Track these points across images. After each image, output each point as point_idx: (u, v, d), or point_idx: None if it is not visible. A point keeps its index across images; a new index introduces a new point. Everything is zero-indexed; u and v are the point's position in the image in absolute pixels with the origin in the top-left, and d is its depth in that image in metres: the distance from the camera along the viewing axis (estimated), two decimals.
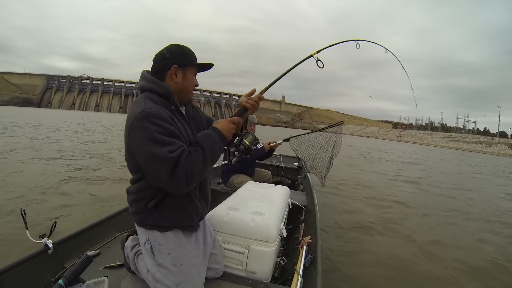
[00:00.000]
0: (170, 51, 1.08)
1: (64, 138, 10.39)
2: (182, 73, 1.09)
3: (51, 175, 4.83)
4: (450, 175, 8.88)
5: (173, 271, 1.03)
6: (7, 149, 6.84)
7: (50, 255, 1.32)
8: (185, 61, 1.09)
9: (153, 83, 1.05)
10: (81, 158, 6.68)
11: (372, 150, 17.15)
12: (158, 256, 1.06)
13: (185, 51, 1.10)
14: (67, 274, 1.13)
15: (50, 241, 1.32)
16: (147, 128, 0.92)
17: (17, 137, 9.38)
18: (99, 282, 1.17)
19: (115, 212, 1.85)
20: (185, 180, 0.92)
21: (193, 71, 1.12)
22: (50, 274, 1.31)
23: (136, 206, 1.08)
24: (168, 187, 0.94)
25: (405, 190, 5.41)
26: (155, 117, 0.94)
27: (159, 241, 1.06)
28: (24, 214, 1.29)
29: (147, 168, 0.96)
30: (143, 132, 0.92)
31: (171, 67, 1.06)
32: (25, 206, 3.10)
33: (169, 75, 1.07)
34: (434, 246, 2.65)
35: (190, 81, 1.11)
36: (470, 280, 2.10)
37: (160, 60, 1.08)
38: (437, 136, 63.88)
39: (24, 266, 1.22)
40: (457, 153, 29.37)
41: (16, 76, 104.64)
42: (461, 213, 4.09)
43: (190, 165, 0.93)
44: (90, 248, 1.56)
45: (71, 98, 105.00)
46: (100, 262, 1.43)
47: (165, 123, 0.95)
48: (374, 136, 68.15)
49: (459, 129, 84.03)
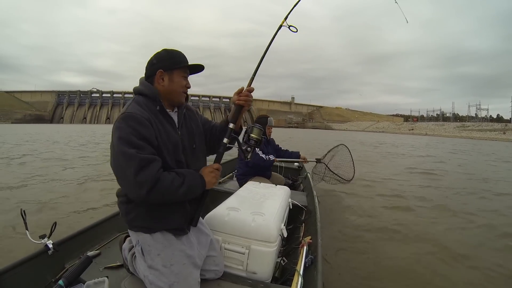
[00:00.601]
0: (157, 57, 1.12)
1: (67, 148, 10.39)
2: (169, 77, 1.12)
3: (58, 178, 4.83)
4: (472, 168, 8.19)
5: (164, 272, 1.03)
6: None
7: (50, 255, 1.32)
8: (170, 65, 1.12)
9: (142, 85, 1.11)
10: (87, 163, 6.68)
11: (380, 145, 16.77)
12: (148, 258, 1.06)
13: (171, 55, 1.13)
14: (67, 275, 1.13)
15: (50, 241, 1.32)
16: (122, 128, 0.96)
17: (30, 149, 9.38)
18: (99, 283, 1.16)
19: (115, 212, 1.85)
20: (150, 187, 0.92)
21: (180, 73, 1.14)
22: (50, 274, 1.31)
23: (125, 208, 1.08)
24: (130, 188, 0.95)
25: (415, 186, 5.20)
26: (131, 119, 0.98)
27: (148, 243, 1.07)
28: (24, 214, 1.29)
29: (117, 168, 0.97)
30: (118, 132, 0.96)
31: (156, 73, 1.10)
32: (26, 206, 3.11)
33: (156, 80, 1.11)
34: (448, 245, 2.55)
35: (178, 84, 1.13)
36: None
37: (149, 66, 1.13)
38: (449, 126, 62.76)
39: (24, 267, 1.22)
40: (471, 142, 28.26)
41: (28, 94, 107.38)
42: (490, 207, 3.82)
43: (163, 181, 0.95)
44: (90, 249, 1.56)
45: (82, 112, 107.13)
46: (100, 263, 1.43)
47: (140, 127, 0.98)
48: (386, 131, 67.37)
49: (472, 118, 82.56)
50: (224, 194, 2.17)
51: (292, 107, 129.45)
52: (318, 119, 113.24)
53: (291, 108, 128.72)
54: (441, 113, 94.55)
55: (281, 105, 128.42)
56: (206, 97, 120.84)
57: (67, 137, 18.60)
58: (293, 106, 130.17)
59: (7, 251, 2.12)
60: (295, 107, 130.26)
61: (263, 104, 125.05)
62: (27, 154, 8.16)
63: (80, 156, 8.29)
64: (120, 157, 0.94)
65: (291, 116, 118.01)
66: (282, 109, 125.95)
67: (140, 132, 0.97)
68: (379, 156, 10.70)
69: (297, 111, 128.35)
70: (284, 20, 1.36)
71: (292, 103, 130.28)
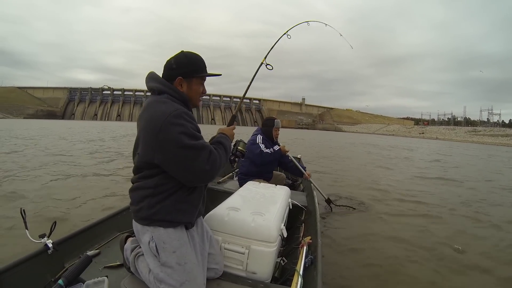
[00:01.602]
0: (177, 62, 1.14)
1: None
2: (187, 84, 1.15)
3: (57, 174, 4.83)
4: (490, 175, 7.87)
5: (178, 270, 1.05)
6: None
7: (50, 255, 1.32)
8: (190, 73, 1.15)
9: (171, 88, 1.12)
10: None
11: (384, 148, 16.69)
12: (163, 255, 1.06)
13: (191, 62, 1.15)
14: (67, 274, 1.13)
15: (50, 241, 1.32)
16: (183, 124, 1.02)
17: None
18: (99, 282, 1.16)
19: (115, 212, 1.85)
20: (217, 168, 1.08)
21: (199, 81, 1.19)
22: (50, 274, 1.31)
23: (149, 201, 1.08)
24: (200, 176, 1.06)
25: (423, 189, 5.13)
26: (188, 115, 1.06)
27: (163, 239, 1.07)
28: (24, 214, 1.29)
29: (182, 161, 1.02)
30: (180, 128, 1.01)
31: (176, 79, 1.12)
32: (25, 205, 3.11)
33: (175, 85, 1.14)
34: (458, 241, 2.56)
35: (195, 91, 1.18)
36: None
37: (168, 69, 1.14)
38: (460, 131, 61.59)
39: (24, 266, 1.22)
40: (483, 148, 27.63)
41: (40, 90, 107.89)
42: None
43: (219, 157, 1.10)
44: (90, 248, 1.55)
45: (93, 109, 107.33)
46: (100, 262, 1.43)
47: (194, 122, 1.09)
48: (396, 134, 66.66)
49: (483, 122, 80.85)
50: (224, 194, 2.17)
51: (303, 108, 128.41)
52: (329, 120, 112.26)
53: (301, 109, 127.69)
54: (452, 117, 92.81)
55: (291, 106, 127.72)
56: (217, 96, 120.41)
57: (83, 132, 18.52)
58: (303, 107, 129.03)
59: (6, 250, 2.11)
60: (306, 108, 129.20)
61: (273, 105, 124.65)
62: (35, 148, 8.12)
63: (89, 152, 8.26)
64: (188, 151, 1.01)
65: (302, 117, 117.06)
66: (292, 110, 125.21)
67: (196, 125, 1.08)
68: (385, 161, 10.32)
69: (308, 112, 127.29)
70: (264, 59, 1.97)
71: (302, 104, 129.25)
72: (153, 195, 1.08)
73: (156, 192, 1.08)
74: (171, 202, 1.08)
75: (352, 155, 11.69)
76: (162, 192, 1.08)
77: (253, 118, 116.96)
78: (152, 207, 1.08)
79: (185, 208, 1.12)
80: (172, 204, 1.09)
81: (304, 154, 4.21)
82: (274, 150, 2.82)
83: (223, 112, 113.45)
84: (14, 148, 8.43)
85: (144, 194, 1.09)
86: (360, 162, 9.31)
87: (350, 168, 7.71)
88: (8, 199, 3.41)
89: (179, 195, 1.10)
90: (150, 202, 1.08)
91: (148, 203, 1.08)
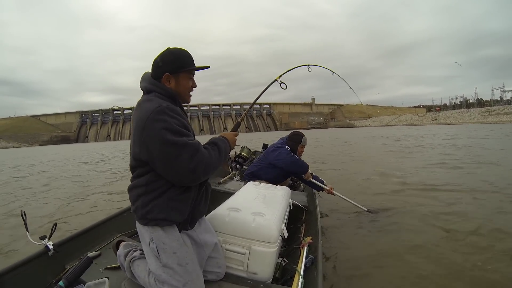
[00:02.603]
0: (163, 59, 1.13)
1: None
2: (175, 80, 1.14)
3: None
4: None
5: (179, 271, 1.05)
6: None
7: (51, 256, 1.32)
8: (176, 68, 1.14)
9: (157, 86, 1.12)
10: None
11: (397, 138, 15.94)
12: (163, 256, 1.06)
13: (177, 57, 1.14)
14: (68, 276, 1.13)
15: (50, 242, 1.33)
16: (166, 120, 1.00)
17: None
18: (99, 283, 1.16)
19: (115, 213, 1.85)
20: (204, 169, 1.03)
21: (186, 75, 1.17)
22: (50, 275, 1.31)
23: (142, 199, 1.08)
24: (184, 174, 1.01)
25: (433, 176, 4.85)
26: (171, 111, 1.03)
27: (163, 240, 1.07)
28: (25, 216, 1.29)
29: (165, 158, 0.99)
30: (162, 124, 0.99)
31: (162, 76, 1.12)
32: (25, 207, 3.11)
33: (162, 82, 1.13)
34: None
35: (184, 86, 1.17)
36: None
37: (155, 68, 1.14)
38: (474, 112, 58.95)
39: (25, 268, 1.22)
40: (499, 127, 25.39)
41: (52, 117, 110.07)
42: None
43: (208, 157, 1.05)
44: (90, 250, 1.56)
45: (105, 130, 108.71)
46: (101, 263, 1.43)
47: (180, 117, 1.05)
48: (409, 124, 64.65)
49: (496, 102, 76.95)
50: (224, 195, 2.17)
51: (313, 108, 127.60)
52: (340, 117, 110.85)
53: (312, 109, 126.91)
54: (464, 99, 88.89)
55: (302, 107, 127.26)
56: (227, 105, 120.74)
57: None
58: (314, 107, 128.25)
59: (7, 252, 2.11)
60: (316, 108, 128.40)
61: (284, 108, 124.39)
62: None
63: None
64: (171, 148, 0.98)
65: (313, 117, 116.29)
66: (303, 110, 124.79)
67: (181, 121, 1.04)
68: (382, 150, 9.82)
69: (318, 111, 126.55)
70: (279, 77, 1.86)
71: (312, 104, 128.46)
72: (146, 193, 1.08)
73: (148, 189, 1.07)
74: (164, 200, 1.07)
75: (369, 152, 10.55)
76: (154, 189, 1.07)
77: (265, 123, 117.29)
78: (146, 205, 1.07)
79: (179, 207, 1.10)
80: (165, 201, 1.07)
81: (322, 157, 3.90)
82: (303, 163, 2.72)
83: (235, 120, 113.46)
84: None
85: (138, 193, 1.10)
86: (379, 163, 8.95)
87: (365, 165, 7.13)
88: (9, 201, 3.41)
89: (172, 192, 1.08)
90: (144, 200, 1.08)
91: (142, 202, 1.08)
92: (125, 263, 1.22)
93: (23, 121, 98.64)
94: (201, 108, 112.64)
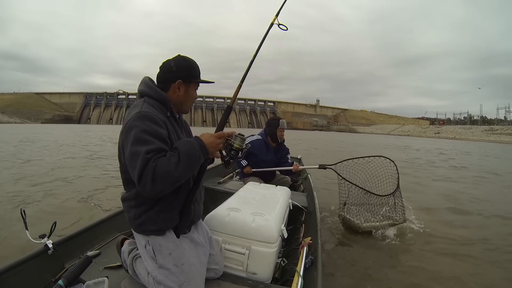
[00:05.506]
0: (177, 65, 1.13)
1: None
2: (185, 88, 1.14)
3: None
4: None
5: (175, 272, 1.04)
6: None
7: (50, 255, 1.32)
8: (190, 77, 1.15)
9: (151, 89, 1.10)
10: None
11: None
12: (159, 257, 1.06)
13: (191, 66, 1.15)
14: (67, 275, 1.13)
15: (50, 241, 1.32)
16: (137, 126, 0.96)
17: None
18: (99, 283, 1.16)
19: (115, 212, 1.85)
20: (152, 180, 0.89)
21: (195, 87, 1.19)
22: (50, 274, 1.30)
23: (133, 212, 1.08)
24: (138, 187, 0.93)
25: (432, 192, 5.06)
26: (147, 118, 0.98)
27: (159, 242, 1.07)
28: (24, 214, 1.29)
29: (129, 166, 0.97)
30: (133, 130, 0.96)
31: (176, 81, 1.12)
32: (25, 206, 3.10)
33: (173, 88, 1.13)
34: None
35: (191, 96, 1.18)
36: None
37: (166, 72, 1.13)
38: (477, 130, 59.69)
39: (24, 267, 1.21)
40: (500, 147, 26.18)
41: (57, 96, 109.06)
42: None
43: (160, 166, 0.90)
44: (90, 249, 1.55)
45: (108, 114, 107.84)
46: (100, 263, 1.43)
47: (155, 125, 0.99)
48: (411, 134, 65.06)
49: (500, 121, 78.86)
50: (224, 195, 2.17)
51: (317, 110, 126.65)
52: (343, 122, 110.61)
53: (315, 111, 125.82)
54: (469, 115, 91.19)
55: (306, 107, 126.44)
56: (242, 100, 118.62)
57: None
58: (318, 108, 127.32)
59: (6, 250, 2.11)
60: (320, 110, 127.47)
61: (287, 107, 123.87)
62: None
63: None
64: (131, 157, 0.94)
65: (316, 119, 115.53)
66: (307, 111, 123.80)
67: (154, 129, 0.97)
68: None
69: (322, 113, 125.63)
70: (276, 18, 1.46)
71: (317, 106, 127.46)
72: (137, 206, 1.07)
73: (138, 203, 1.06)
74: (154, 212, 1.05)
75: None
76: (143, 203, 1.05)
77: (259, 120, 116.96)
78: (138, 218, 1.07)
79: (171, 217, 1.08)
80: (155, 213, 1.05)
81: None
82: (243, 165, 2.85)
83: (238, 114, 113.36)
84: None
85: (129, 205, 1.09)
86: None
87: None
88: (9, 200, 3.40)
89: (161, 204, 1.05)
90: (136, 212, 1.07)
91: (134, 214, 1.08)
92: (128, 259, 1.22)
93: (27, 97, 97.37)
94: (205, 100, 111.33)
